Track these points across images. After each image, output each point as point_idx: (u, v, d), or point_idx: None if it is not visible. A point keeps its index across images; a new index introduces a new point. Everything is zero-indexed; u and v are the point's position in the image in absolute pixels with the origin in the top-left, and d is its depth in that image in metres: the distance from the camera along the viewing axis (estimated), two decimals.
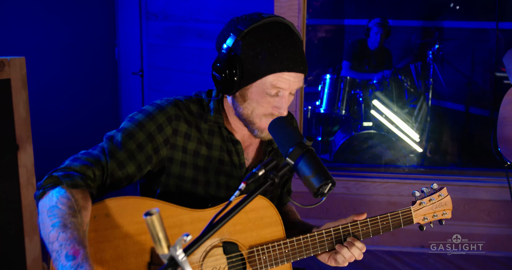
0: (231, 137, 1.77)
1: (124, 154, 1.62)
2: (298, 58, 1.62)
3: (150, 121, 1.67)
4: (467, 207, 3.96)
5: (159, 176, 1.72)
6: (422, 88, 5.21)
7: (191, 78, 4.33)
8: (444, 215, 1.93)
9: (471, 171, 4.12)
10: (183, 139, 1.71)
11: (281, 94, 1.64)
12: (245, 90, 1.64)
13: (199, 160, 1.74)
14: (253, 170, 1.37)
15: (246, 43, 1.59)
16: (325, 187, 1.39)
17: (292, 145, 1.44)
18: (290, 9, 3.74)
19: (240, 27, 1.61)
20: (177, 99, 1.74)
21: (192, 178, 1.73)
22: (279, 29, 1.62)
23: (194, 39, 4.25)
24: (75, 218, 1.43)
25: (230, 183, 1.79)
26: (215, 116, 1.74)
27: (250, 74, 1.61)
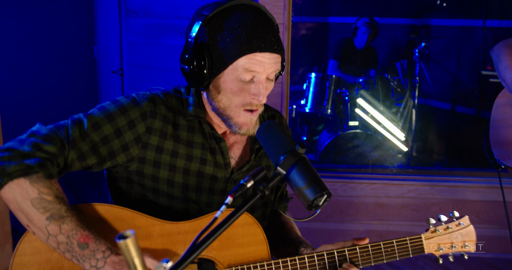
0: (214, 133, 1.62)
1: (86, 146, 1.49)
2: (271, 37, 1.49)
3: (121, 115, 1.54)
4: (455, 208, 3.90)
5: (131, 174, 1.59)
6: (409, 86, 5.14)
7: (172, 76, 4.20)
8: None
9: (459, 171, 4.07)
10: (158, 138, 1.56)
11: (256, 79, 1.50)
12: (217, 80, 1.52)
13: (178, 161, 1.59)
14: (241, 181, 1.23)
15: (212, 28, 1.49)
16: (320, 199, 1.27)
17: (283, 153, 1.31)
18: (275, 6, 3.63)
19: (205, 12, 1.50)
20: (155, 94, 1.60)
21: (168, 180, 1.59)
22: (247, 9, 1.50)
23: (175, 36, 4.12)
24: (66, 205, 1.42)
25: (214, 187, 1.64)
26: (195, 110, 1.60)
27: (220, 61, 1.49)
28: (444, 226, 1.66)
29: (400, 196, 3.92)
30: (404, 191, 3.92)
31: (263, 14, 1.52)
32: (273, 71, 1.51)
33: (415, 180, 3.96)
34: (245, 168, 1.67)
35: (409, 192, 3.92)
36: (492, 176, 3.94)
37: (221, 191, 1.65)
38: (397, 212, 3.94)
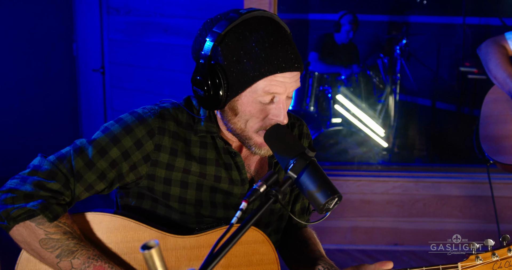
0: (228, 148, 1.53)
1: (93, 175, 1.44)
2: (291, 54, 1.39)
3: (127, 135, 1.46)
4: (439, 203, 3.96)
5: (142, 190, 1.54)
6: (390, 83, 5.18)
7: (156, 75, 4.15)
8: None
9: (443, 167, 4.13)
10: (168, 155, 1.49)
11: (277, 100, 1.41)
12: (234, 103, 1.42)
13: (190, 177, 1.51)
14: (254, 186, 1.21)
15: (226, 48, 1.38)
16: (331, 202, 1.27)
17: (293, 157, 1.30)
18: (260, 4, 3.60)
19: (217, 29, 1.38)
20: (163, 108, 1.51)
21: (179, 197, 1.51)
22: (263, 24, 1.39)
23: (158, 34, 4.07)
24: (75, 239, 1.40)
25: (228, 202, 1.56)
26: (207, 125, 1.51)
27: (237, 83, 1.39)
28: (488, 254, 1.42)
29: (385, 192, 3.95)
30: (389, 188, 3.96)
31: (279, 27, 1.42)
32: (293, 89, 1.43)
33: (400, 177, 3.99)
34: None
35: (394, 189, 3.96)
36: (474, 171, 4.01)
37: (236, 205, 1.56)
38: (382, 208, 3.98)
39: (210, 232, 1.48)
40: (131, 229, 1.46)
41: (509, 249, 1.42)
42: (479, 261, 1.42)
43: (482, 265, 1.42)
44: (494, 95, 2.85)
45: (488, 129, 2.84)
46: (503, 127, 2.78)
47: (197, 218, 1.53)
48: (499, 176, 3.74)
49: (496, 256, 1.42)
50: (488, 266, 1.42)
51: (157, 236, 1.46)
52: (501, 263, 1.42)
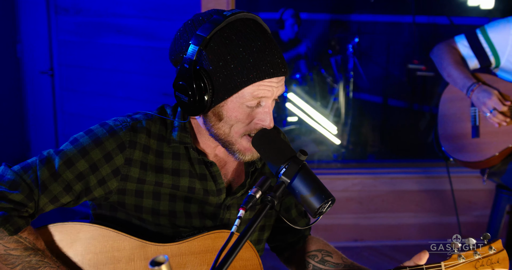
0: (203, 158, 1.48)
1: (59, 187, 1.38)
2: (277, 59, 1.36)
3: (96, 148, 1.40)
4: (396, 198, 4.04)
5: (113, 204, 1.48)
6: (343, 81, 5.26)
7: (111, 76, 4.03)
8: None
9: (400, 163, 4.22)
10: (139, 170, 1.43)
11: (263, 104, 1.38)
12: (219, 108, 1.38)
13: (163, 189, 1.46)
14: (249, 192, 1.21)
15: (212, 52, 1.33)
16: (325, 206, 1.27)
17: (285, 161, 1.29)
18: (218, 3, 3.57)
19: (201, 32, 1.33)
20: (135, 120, 1.46)
21: (152, 209, 1.46)
22: (248, 27, 1.36)
23: (112, 35, 3.95)
24: (37, 256, 1.35)
25: (203, 211, 1.51)
26: (180, 135, 1.46)
27: (224, 89, 1.34)
28: (470, 252, 1.44)
29: (345, 189, 4.00)
30: (349, 185, 4.01)
31: (264, 30, 1.39)
32: (280, 93, 1.40)
33: (359, 174, 4.05)
34: (240, 193, 1.54)
35: (353, 186, 4.02)
36: (430, 166, 4.12)
37: (212, 214, 1.53)
38: (342, 205, 4.03)
39: (191, 239, 1.45)
40: (110, 239, 1.41)
41: (490, 247, 1.44)
42: (461, 259, 1.44)
43: (465, 263, 1.44)
44: (450, 94, 2.94)
45: (446, 128, 2.92)
46: (460, 126, 2.87)
47: (173, 229, 1.49)
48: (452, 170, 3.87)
49: (478, 255, 1.44)
50: (471, 264, 1.44)
51: (138, 244, 1.42)
52: (483, 261, 1.44)
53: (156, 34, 3.77)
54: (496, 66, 2.84)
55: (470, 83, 2.74)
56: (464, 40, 2.86)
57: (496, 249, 1.44)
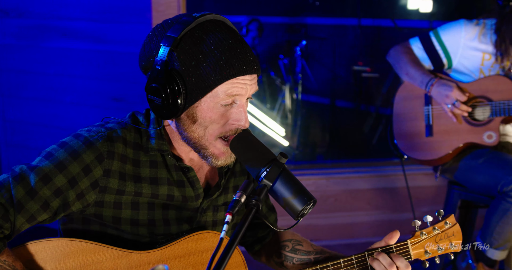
0: (180, 164, 1.46)
1: (36, 205, 1.32)
2: (249, 57, 1.36)
3: (73, 161, 1.35)
4: (350, 198, 4.12)
5: (89, 217, 1.43)
6: (292, 83, 5.31)
7: (55, 81, 3.88)
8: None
9: (352, 163, 4.30)
10: (118, 181, 1.39)
11: (237, 103, 1.37)
12: (193, 109, 1.36)
13: (141, 199, 1.43)
14: (234, 197, 1.21)
15: (183, 52, 1.32)
16: (307, 208, 1.29)
17: (266, 164, 1.29)
18: (169, 6, 3.51)
19: (171, 33, 1.32)
20: (110, 129, 1.42)
21: (131, 219, 1.43)
22: (218, 27, 1.36)
23: (57, 38, 3.81)
24: None
25: (181, 216, 1.49)
26: (158, 143, 1.43)
27: (197, 88, 1.33)
28: (429, 228, 1.57)
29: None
30: None
31: (234, 30, 1.39)
32: (253, 91, 1.40)
33: (312, 174, 4.10)
34: (215, 195, 1.54)
35: (307, 186, 4.01)
36: (380, 165, 4.23)
37: (189, 218, 1.51)
38: None
39: (174, 243, 1.43)
40: (90, 252, 1.36)
41: (445, 222, 1.59)
42: (424, 236, 1.57)
43: (427, 239, 1.57)
44: (404, 93, 3.02)
45: (401, 126, 3.00)
46: (415, 124, 2.96)
47: (151, 238, 1.46)
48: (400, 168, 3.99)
49: (437, 230, 1.57)
50: (432, 239, 1.57)
51: (120, 254, 1.38)
52: (441, 235, 1.58)
53: (105, 37, 3.67)
54: (449, 67, 2.95)
55: (428, 78, 2.83)
56: (418, 42, 2.96)
57: (451, 223, 1.59)
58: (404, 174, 3.20)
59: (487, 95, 2.77)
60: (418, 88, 2.93)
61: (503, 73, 2.78)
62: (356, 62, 5.72)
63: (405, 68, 2.92)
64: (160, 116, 1.38)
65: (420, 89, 2.92)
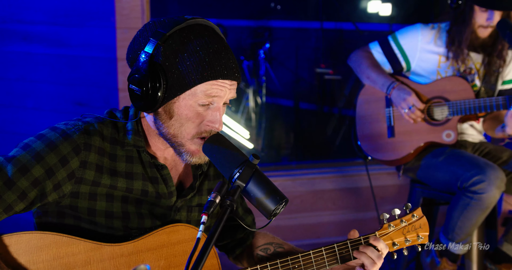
0: (155, 162, 1.51)
1: (13, 195, 1.34)
2: (232, 63, 1.42)
3: (51, 152, 1.38)
4: (315, 198, 4.18)
5: (64, 209, 1.45)
6: (256, 86, 5.35)
7: (16, 86, 3.81)
8: (420, 239, 1.65)
9: (317, 164, 4.36)
10: (94, 172, 1.43)
11: (214, 105, 1.42)
12: (171, 105, 1.41)
13: (116, 192, 1.47)
14: (209, 198, 1.25)
15: (169, 49, 1.38)
16: (279, 207, 1.33)
17: (238, 166, 1.33)
18: (133, 10, 3.50)
19: (161, 29, 1.38)
20: (87, 123, 1.46)
21: (106, 211, 1.46)
22: (207, 31, 1.42)
23: (17, 42, 3.74)
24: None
25: (154, 212, 1.53)
26: (134, 139, 1.48)
27: (177, 85, 1.38)
28: (397, 221, 1.62)
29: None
30: None
31: (221, 37, 1.45)
32: (231, 97, 1.45)
33: (278, 176, 4.14)
34: (189, 195, 1.58)
35: None
36: (344, 165, 4.31)
37: (162, 216, 1.55)
38: None
39: (146, 236, 1.46)
40: (64, 244, 1.38)
41: (413, 215, 1.64)
42: (392, 228, 1.62)
43: (395, 231, 1.61)
44: (365, 96, 3.10)
45: (364, 129, 3.08)
46: (377, 126, 3.04)
47: (125, 231, 1.49)
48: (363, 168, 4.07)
49: (404, 222, 1.62)
50: (399, 231, 1.62)
51: (92, 247, 1.40)
52: (408, 227, 1.63)
53: (67, 41, 3.62)
54: (407, 70, 3.05)
55: (390, 81, 2.92)
56: (377, 46, 3.04)
57: (418, 216, 1.64)
58: (368, 174, 3.28)
59: (444, 96, 2.88)
60: (379, 90, 3.01)
61: (458, 74, 2.90)
62: (319, 64, 5.81)
63: (366, 72, 3.00)
64: (138, 107, 1.43)
65: (381, 91, 3.00)
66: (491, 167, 2.65)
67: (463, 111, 2.81)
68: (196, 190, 1.59)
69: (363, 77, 3.04)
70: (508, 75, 2.95)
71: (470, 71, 2.90)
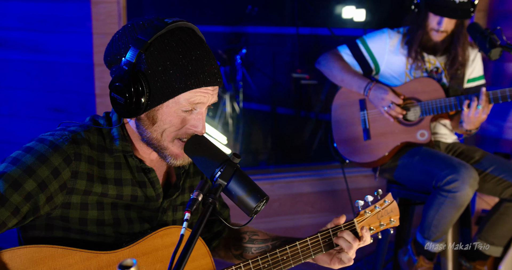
0: (142, 165, 1.52)
1: (6, 212, 1.32)
2: (214, 69, 1.43)
3: (42, 165, 1.37)
4: (293, 201, 4.21)
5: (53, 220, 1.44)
6: (233, 91, 5.38)
7: None
8: (392, 222, 1.76)
9: (295, 167, 4.40)
10: (86, 182, 1.43)
11: (197, 110, 1.44)
12: (154, 111, 1.42)
13: (106, 199, 1.47)
14: (192, 196, 1.28)
15: (151, 56, 1.37)
16: (260, 204, 1.36)
17: (220, 165, 1.36)
18: (109, 15, 3.50)
19: (142, 36, 1.37)
20: (74, 132, 1.45)
21: (97, 220, 1.46)
22: (188, 36, 1.42)
23: None
24: None
25: (142, 215, 1.54)
26: (122, 144, 1.49)
27: (161, 93, 1.39)
28: (372, 207, 1.72)
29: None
30: None
31: (202, 40, 1.46)
32: (214, 101, 1.47)
33: (256, 180, 4.14)
34: (175, 195, 1.61)
35: None
36: (322, 168, 4.36)
37: (150, 218, 1.56)
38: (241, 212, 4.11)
39: (141, 241, 1.47)
40: (59, 256, 1.37)
41: (385, 200, 1.74)
42: (368, 214, 1.72)
43: (371, 216, 1.71)
44: (340, 101, 3.16)
45: (340, 132, 3.14)
46: (353, 129, 3.09)
47: (116, 238, 1.50)
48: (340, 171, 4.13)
49: (378, 208, 1.73)
50: (374, 216, 1.72)
51: (89, 256, 1.40)
52: (382, 212, 1.73)
53: (43, 47, 3.61)
54: (377, 73, 3.12)
55: (366, 82, 2.98)
56: (346, 49, 3.12)
57: (389, 201, 1.75)
58: (344, 177, 3.33)
59: (416, 96, 2.95)
60: (353, 94, 3.08)
61: (426, 74, 2.99)
62: (295, 69, 5.87)
63: (339, 75, 3.06)
64: (120, 114, 1.43)
65: (355, 95, 3.06)
66: (464, 166, 2.72)
67: (435, 110, 2.89)
68: (180, 190, 1.63)
69: (336, 80, 3.10)
70: (472, 73, 3.06)
71: (437, 70, 3.00)
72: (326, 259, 1.69)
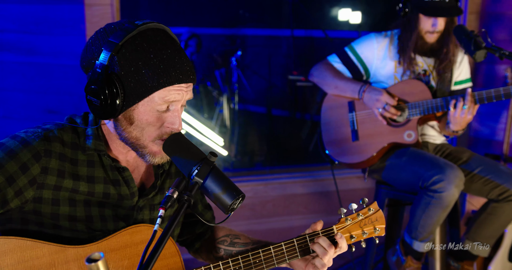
0: (116, 165, 1.55)
1: None
2: (186, 66, 1.45)
3: (10, 160, 1.41)
4: (287, 202, 4.23)
5: (27, 215, 1.47)
6: (228, 93, 5.41)
7: None
8: (376, 232, 1.70)
9: (288, 169, 4.42)
10: (56, 178, 1.46)
11: (172, 108, 1.47)
12: (130, 112, 1.45)
13: (78, 196, 1.50)
14: (167, 193, 1.30)
15: (124, 58, 1.40)
16: (236, 202, 1.38)
17: (197, 163, 1.38)
18: (103, 18, 3.54)
19: (113, 39, 1.40)
20: (47, 129, 1.49)
21: (69, 215, 1.49)
22: (159, 36, 1.44)
23: None
24: None
25: (117, 214, 1.57)
26: (95, 143, 1.52)
27: (135, 93, 1.41)
28: (354, 215, 1.68)
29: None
30: None
31: (173, 40, 1.47)
32: (188, 98, 1.49)
33: (250, 181, 4.19)
34: (151, 194, 1.63)
35: (245, 193, 4.12)
36: (315, 170, 4.37)
37: (125, 216, 1.59)
38: (235, 213, 4.12)
39: (110, 237, 1.49)
40: (28, 248, 1.40)
41: (369, 209, 1.69)
42: (348, 221, 1.68)
43: (352, 224, 1.67)
44: (329, 103, 3.19)
45: (329, 134, 3.16)
46: (342, 131, 3.12)
47: (89, 234, 1.52)
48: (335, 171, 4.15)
49: (361, 216, 1.68)
50: (356, 224, 1.68)
51: (57, 249, 1.42)
52: (365, 221, 1.69)
53: (38, 49, 3.65)
54: (367, 78, 3.15)
55: (359, 86, 3.01)
56: (336, 58, 3.15)
57: (374, 210, 1.70)
58: (334, 178, 3.35)
59: (403, 98, 2.98)
60: (341, 97, 3.11)
61: (414, 77, 3.01)
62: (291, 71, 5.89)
63: (333, 83, 3.09)
64: (98, 116, 1.46)
65: (344, 97, 3.09)
66: (450, 166, 2.74)
67: (422, 112, 2.92)
68: (158, 189, 1.64)
69: (330, 88, 3.13)
70: (459, 76, 3.08)
71: (425, 73, 3.03)
72: (301, 264, 1.68)
